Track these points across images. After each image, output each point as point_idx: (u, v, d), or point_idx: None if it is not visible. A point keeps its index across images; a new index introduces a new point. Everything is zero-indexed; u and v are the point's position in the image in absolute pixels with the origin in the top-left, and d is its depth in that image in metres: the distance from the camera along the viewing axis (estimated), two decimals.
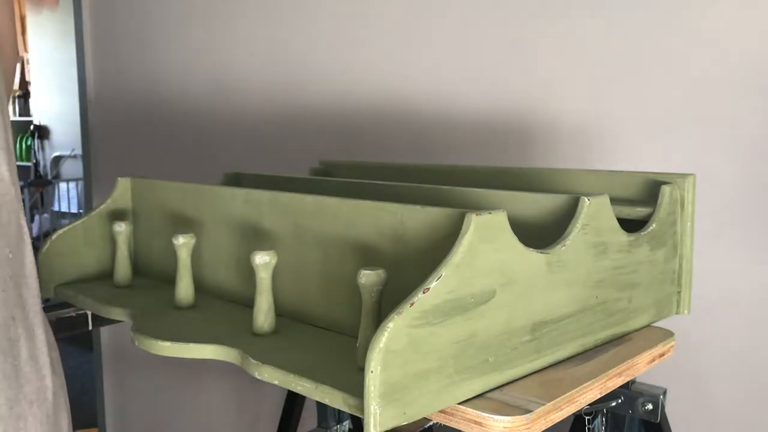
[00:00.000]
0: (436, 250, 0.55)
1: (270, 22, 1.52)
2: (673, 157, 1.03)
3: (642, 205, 0.72)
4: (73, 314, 0.85)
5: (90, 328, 0.86)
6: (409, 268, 0.58)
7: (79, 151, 2.10)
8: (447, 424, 0.52)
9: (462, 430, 0.51)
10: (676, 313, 0.75)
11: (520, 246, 0.54)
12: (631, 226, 0.68)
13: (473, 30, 1.22)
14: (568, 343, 0.61)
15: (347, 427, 1.16)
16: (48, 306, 0.84)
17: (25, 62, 3.03)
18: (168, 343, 0.62)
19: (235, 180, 1.01)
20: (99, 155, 2.04)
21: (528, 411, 0.51)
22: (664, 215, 0.71)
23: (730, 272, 1.00)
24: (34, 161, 3.30)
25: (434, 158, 1.26)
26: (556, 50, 1.13)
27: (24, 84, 3.18)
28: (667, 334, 0.71)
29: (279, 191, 0.71)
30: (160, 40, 1.78)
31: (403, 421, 0.47)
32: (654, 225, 0.70)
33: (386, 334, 0.45)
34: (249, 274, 0.67)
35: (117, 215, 0.89)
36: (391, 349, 0.46)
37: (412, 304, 0.47)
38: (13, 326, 0.58)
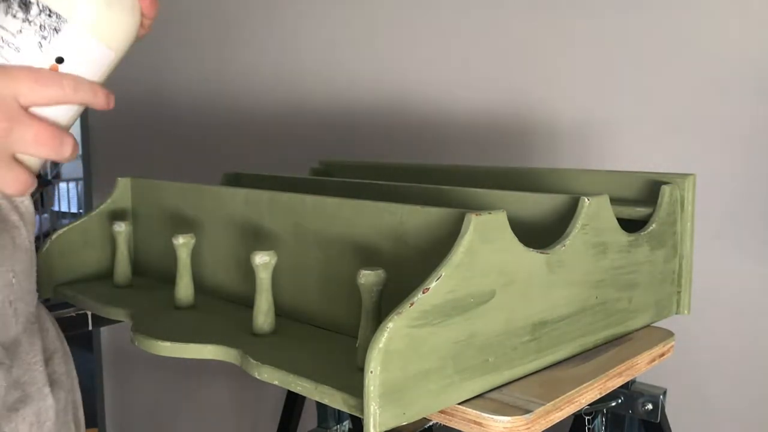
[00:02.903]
0: (436, 250, 0.55)
1: (270, 23, 1.52)
2: (673, 157, 1.03)
3: (642, 205, 0.72)
4: (73, 314, 0.85)
5: (90, 328, 0.86)
6: (409, 268, 0.58)
7: (79, 151, 2.10)
8: (447, 425, 0.52)
9: (462, 430, 0.51)
10: (676, 313, 0.75)
11: (520, 246, 0.54)
12: (631, 226, 0.68)
13: (473, 30, 1.22)
14: (568, 343, 0.61)
15: (347, 427, 1.16)
16: (48, 306, 0.84)
17: None
18: (168, 343, 0.62)
19: (235, 180, 1.01)
20: (99, 155, 2.04)
21: (528, 411, 0.51)
22: (664, 215, 0.71)
23: (730, 272, 1.00)
24: None
25: (434, 158, 1.26)
26: (556, 50, 1.13)
27: None
28: (667, 334, 0.71)
29: (279, 191, 0.71)
30: (161, 40, 1.77)
31: (403, 421, 0.47)
32: (654, 225, 0.70)
33: (386, 334, 0.45)
34: (249, 274, 0.67)
35: (117, 215, 0.89)
36: (391, 349, 0.45)
37: (412, 304, 0.47)
38: None
